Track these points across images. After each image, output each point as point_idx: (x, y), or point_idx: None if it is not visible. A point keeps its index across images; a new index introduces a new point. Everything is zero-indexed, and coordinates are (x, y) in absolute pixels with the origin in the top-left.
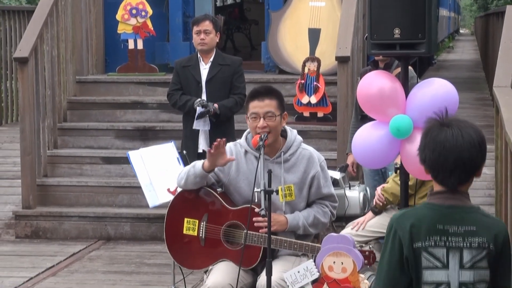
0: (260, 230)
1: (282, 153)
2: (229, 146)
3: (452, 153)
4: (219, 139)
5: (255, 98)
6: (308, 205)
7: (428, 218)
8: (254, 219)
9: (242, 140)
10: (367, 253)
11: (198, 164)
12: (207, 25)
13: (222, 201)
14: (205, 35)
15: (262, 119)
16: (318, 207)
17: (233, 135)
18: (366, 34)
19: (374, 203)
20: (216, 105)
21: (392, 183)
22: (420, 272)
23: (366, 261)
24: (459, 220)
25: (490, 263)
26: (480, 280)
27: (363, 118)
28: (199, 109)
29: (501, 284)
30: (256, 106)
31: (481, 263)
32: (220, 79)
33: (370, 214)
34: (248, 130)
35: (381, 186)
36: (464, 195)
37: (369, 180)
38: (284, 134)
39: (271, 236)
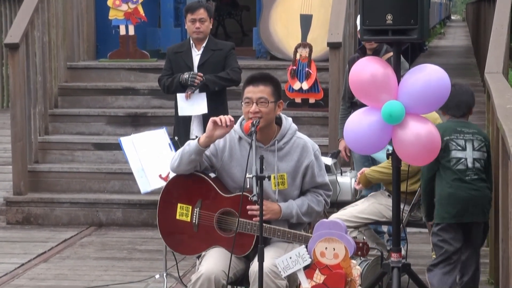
0: (253, 218)
1: (276, 141)
2: None
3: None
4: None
5: (250, 83)
6: (302, 193)
7: (451, 125)
8: (248, 207)
9: (236, 127)
10: (360, 244)
11: (192, 142)
12: (202, 13)
13: (216, 187)
14: (201, 23)
15: (254, 104)
16: (312, 195)
17: None
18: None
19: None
20: (200, 75)
21: (386, 164)
22: (449, 152)
23: (359, 252)
24: (468, 126)
25: (487, 151)
26: (483, 158)
27: (353, 105)
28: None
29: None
30: (250, 91)
31: (483, 149)
32: (212, 64)
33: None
34: (242, 116)
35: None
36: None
37: (359, 166)
38: (279, 122)
39: (265, 225)
